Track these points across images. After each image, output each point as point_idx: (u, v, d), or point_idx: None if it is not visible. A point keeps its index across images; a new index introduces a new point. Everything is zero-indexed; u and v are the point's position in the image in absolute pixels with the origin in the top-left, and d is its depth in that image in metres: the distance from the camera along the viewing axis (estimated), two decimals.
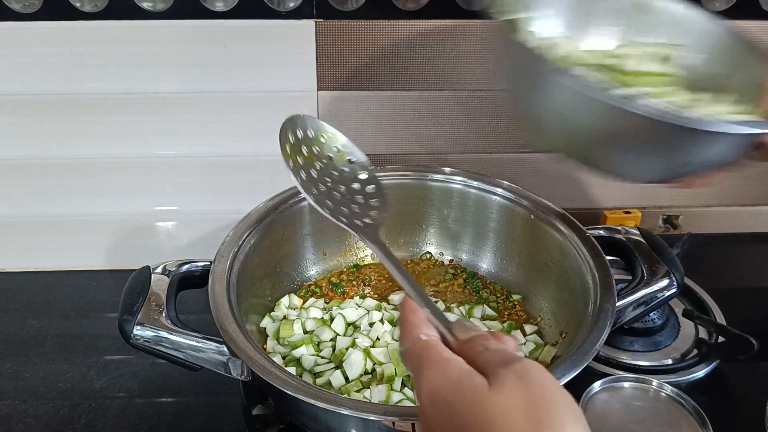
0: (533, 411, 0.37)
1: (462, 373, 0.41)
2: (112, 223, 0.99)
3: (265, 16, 0.87)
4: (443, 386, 0.41)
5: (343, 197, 0.61)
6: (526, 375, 0.39)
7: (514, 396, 0.38)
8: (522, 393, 0.38)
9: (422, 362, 0.43)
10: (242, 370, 0.68)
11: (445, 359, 0.42)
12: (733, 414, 0.76)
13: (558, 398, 0.38)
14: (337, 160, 0.63)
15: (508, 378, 0.39)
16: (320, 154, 0.63)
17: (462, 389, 0.40)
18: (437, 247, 0.95)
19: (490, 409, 0.38)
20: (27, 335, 0.88)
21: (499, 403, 0.38)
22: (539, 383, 0.39)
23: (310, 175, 0.60)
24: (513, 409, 0.38)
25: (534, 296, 0.86)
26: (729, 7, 0.89)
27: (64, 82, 0.89)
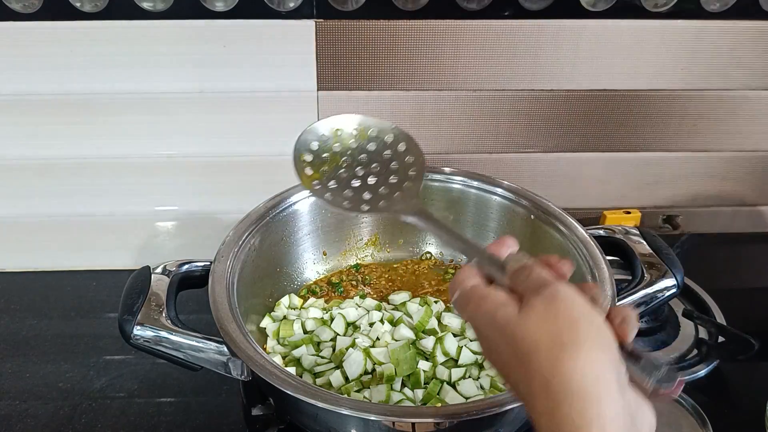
0: (555, 333, 0.39)
1: (496, 305, 0.44)
2: (112, 223, 0.99)
3: (265, 16, 0.87)
4: (483, 321, 0.44)
5: (380, 175, 0.61)
6: (554, 299, 0.41)
7: (539, 321, 0.40)
8: (547, 317, 0.40)
9: (465, 306, 0.46)
10: (242, 370, 0.68)
11: (483, 296, 0.45)
12: (733, 414, 0.76)
13: (580, 319, 0.40)
14: (361, 141, 0.63)
15: (536, 304, 0.41)
16: (342, 150, 0.62)
17: (496, 320, 0.43)
18: (437, 247, 0.95)
19: (518, 335, 0.41)
20: (27, 335, 0.88)
21: (526, 329, 0.41)
22: (564, 306, 0.41)
23: (339, 179, 0.60)
24: (537, 334, 0.40)
25: None
26: (729, 7, 0.90)
27: (64, 82, 0.89)
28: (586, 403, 0.38)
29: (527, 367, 0.40)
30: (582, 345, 0.39)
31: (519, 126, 0.98)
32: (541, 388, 0.39)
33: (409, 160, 0.61)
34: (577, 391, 0.38)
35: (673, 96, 0.97)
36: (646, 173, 1.04)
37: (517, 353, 0.41)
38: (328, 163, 0.61)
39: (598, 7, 0.89)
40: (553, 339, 0.39)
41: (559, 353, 0.39)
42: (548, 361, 0.39)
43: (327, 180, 0.60)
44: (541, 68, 0.94)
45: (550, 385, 0.39)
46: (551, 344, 0.39)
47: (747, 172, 1.05)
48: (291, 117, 0.94)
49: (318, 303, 0.85)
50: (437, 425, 0.61)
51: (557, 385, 0.38)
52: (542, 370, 0.39)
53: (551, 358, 0.39)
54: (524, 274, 0.45)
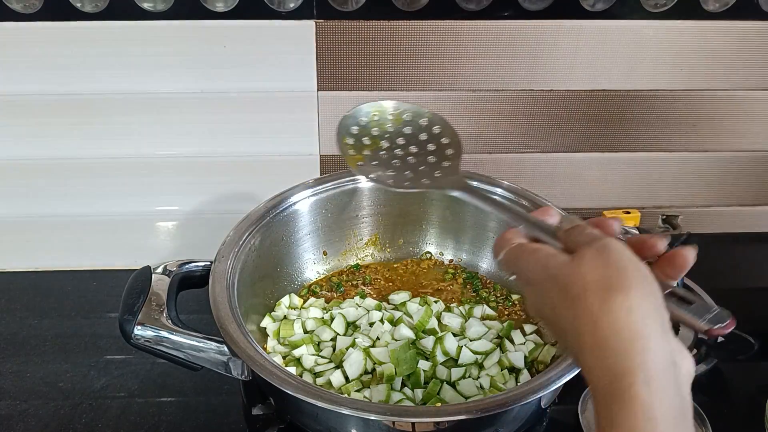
0: (605, 277, 0.42)
1: (548, 255, 0.47)
2: (112, 223, 1.00)
3: (266, 16, 0.87)
4: (534, 270, 0.47)
5: (418, 156, 0.64)
6: (605, 250, 0.44)
7: (591, 267, 0.43)
8: (598, 264, 0.43)
9: (516, 258, 0.49)
10: (242, 370, 0.68)
11: (535, 249, 0.48)
12: (733, 413, 0.76)
13: (629, 266, 0.42)
14: (397, 125, 0.66)
15: (588, 253, 0.44)
16: (380, 133, 0.66)
17: (549, 268, 0.46)
18: (437, 247, 0.95)
19: (570, 279, 0.44)
20: (27, 335, 0.88)
21: (578, 274, 0.43)
22: (615, 255, 0.43)
23: (380, 160, 0.64)
24: (588, 277, 0.43)
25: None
26: (729, 7, 0.90)
27: (64, 82, 0.89)
28: (632, 340, 0.40)
29: (576, 308, 0.43)
30: (630, 289, 0.41)
31: (519, 126, 0.98)
32: (589, 326, 0.42)
33: (445, 141, 0.65)
34: (624, 328, 0.40)
35: (673, 96, 0.97)
36: (645, 173, 1.04)
37: (567, 297, 0.44)
38: (369, 146, 0.65)
39: (597, 8, 0.89)
40: (603, 283, 0.42)
41: (607, 295, 0.41)
42: (597, 302, 0.42)
43: (370, 160, 0.64)
44: (541, 68, 0.94)
45: (598, 323, 0.41)
46: (601, 287, 0.42)
47: (747, 172, 1.05)
48: (291, 117, 0.94)
49: (318, 303, 0.85)
50: (437, 425, 0.61)
51: (605, 323, 0.41)
52: (591, 309, 0.42)
53: (600, 298, 0.41)
54: (577, 231, 0.48)
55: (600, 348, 0.41)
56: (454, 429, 0.62)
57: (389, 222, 0.93)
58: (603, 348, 0.41)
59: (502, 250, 0.51)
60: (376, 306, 0.83)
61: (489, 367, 0.75)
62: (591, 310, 0.42)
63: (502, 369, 0.75)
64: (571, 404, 0.72)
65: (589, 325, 0.42)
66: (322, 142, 0.97)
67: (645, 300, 0.41)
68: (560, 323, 0.45)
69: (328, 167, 0.98)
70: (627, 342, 0.40)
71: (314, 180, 0.87)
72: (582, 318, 0.42)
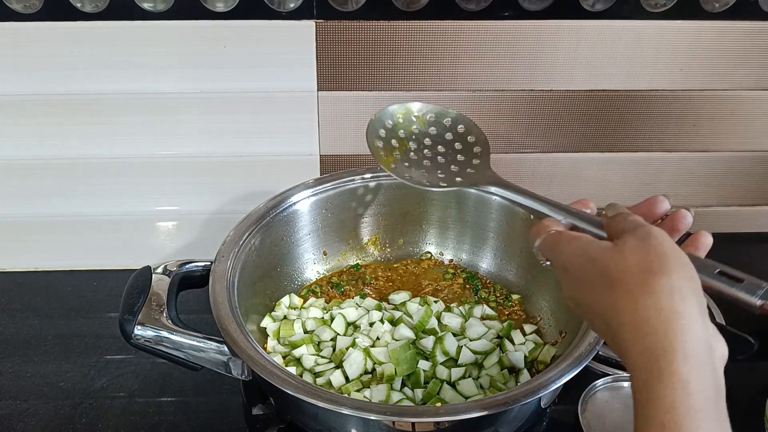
0: (647, 261, 0.44)
1: (589, 241, 0.49)
2: (112, 223, 1.00)
3: (266, 16, 0.87)
4: (573, 255, 0.49)
5: (447, 155, 0.66)
6: (647, 236, 0.46)
7: (632, 252, 0.45)
8: (640, 249, 0.45)
9: (555, 245, 0.52)
10: (243, 370, 0.68)
11: (575, 237, 0.51)
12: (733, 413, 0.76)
13: (670, 252, 0.44)
14: (422, 127, 0.69)
15: (630, 239, 0.46)
16: (407, 135, 0.68)
17: (589, 253, 0.48)
18: (437, 247, 0.95)
19: (611, 263, 0.45)
20: (28, 335, 0.88)
21: (620, 258, 0.45)
22: (657, 242, 0.45)
23: (411, 161, 0.66)
24: (630, 261, 0.44)
25: (534, 296, 0.86)
26: (729, 7, 0.90)
27: (64, 82, 0.89)
28: (673, 320, 0.42)
29: (617, 290, 0.44)
30: (672, 273, 0.43)
31: (518, 126, 0.98)
32: (630, 307, 0.43)
33: (471, 140, 0.67)
34: (665, 308, 0.42)
35: (673, 96, 0.97)
36: (645, 173, 1.04)
37: (606, 280, 0.45)
38: (398, 147, 0.67)
39: (597, 8, 0.89)
40: (645, 266, 0.44)
41: (649, 277, 0.43)
42: (638, 284, 0.43)
43: (402, 161, 0.66)
44: (541, 68, 0.94)
45: (639, 304, 0.43)
46: (643, 270, 0.44)
47: (747, 172, 1.05)
48: (291, 117, 0.94)
49: (318, 303, 0.85)
50: (437, 425, 0.62)
51: (646, 304, 0.43)
52: (632, 291, 0.43)
53: (642, 281, 0.43)
54: (621, 218, 0.50)
55: (640, 328, 0.42)
56: (454, 429, 0.62)
57: (389, 222, 0.93)
58: (644, 328, 0.42)
59: (538, 237, 0.54)
60: (376, 306, 0.83)
61: (489, 367, 0.75)
62: (632, 292, 0.43)
63: (502, 369, 0.75)
64: (571, 404, 0.72)
65: (629, 305, 0.43)
66: (322, 142, 0.97)
67: (685, 283, 0.43)
68: (597, 307, 0.47)
69: (328, 167, 0.98)
70: (668, 322, 0.42)
71: (314, 180, 0.87)
72: (622, 300, 0.44)
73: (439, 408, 0.64)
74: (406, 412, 0.62)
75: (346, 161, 0.98)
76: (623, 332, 0.44)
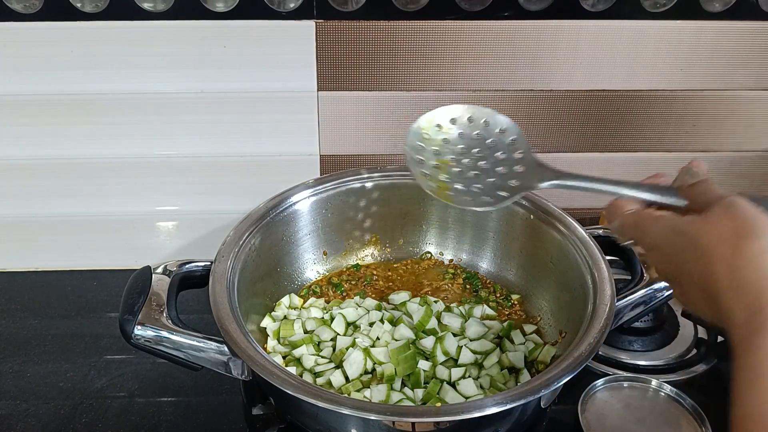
0: (736, 227, 0.47)
1: (674, 217, 0.52)
2: (112, 223, 1.00)
3: (266, 16, 0.87)
4: (660, 232, 0.52)
5: (490, 162, 0.64)
6: (732, 205, 0.48)
7: (721, 220, 0.48)
8: (728, 217, 0.48)
9: (636, 224, 0.55)
10: (243, 370, 0.68)
11: (659, 215, 0.53)
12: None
13: (757, 217, 0.47)
14: (458, 137, 0.66)
15: (716, 209, 0.49)
16: (444, 150, 0.65)
17: (678, 226, 0.51)
18: (437, 247, 0.95)
19: (701, 234, 0.48)
20: (28, 335, 0.88)
21: (710, 228, 0.48)
22: (743, 209, 0.48)
23: (452, 174, 0.64)
24: (720, 228, 0.48)
25: (534, 296, 0.86)
26: (729, 7, 0.90)
27: (64, 82, 0.89)
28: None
29: (710, 257, 0.47)
30: (762, 236, 0.46)
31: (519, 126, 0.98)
32: (725, 270, 0.46)
33: (510, 141, 0.65)
34: (761, 267, 0.45)
35: (673, 96, 0.97)
36: (645, 173, 1.04)
37: (698, 249, 0.48)
38: (440, 168, 0.64)
39: (597, 8, 0.89)
40: (735, 232, 0.47)
41: (741, 241, 0.46)
42: (731, 249, 0.46)
43: (451, 183, 0.63)
44: (541, 68, 0.94)
45: (735, 266, 0.46)
46: (733, 235, 0.47)
47: (747, 172, 1.05)
48: (291, 117, 0.94)
49: (318, 303, 0.85)
50: (437, 425, 0.62)
51: (742, 265, 0.46)
52: (725, 255, 0.47)
53: (734, 245, 0.46)
54: (702, 186, 0.53)
55: (738, 288, 0.45)
56: (454, 429, 0.62)
57: (389, 222, 0.93)
58: (741, 287, 0.45)
59: (616, 218, 0.57)
60: (375, 306, 0.83)
61: (489, 367, 0.75)
62: (725, 256, 0.46)
63: (502, 369, 0.75)
64: (571, 404, 0.72)
65: (725, 269, 0.46)
66: (322, 142, 0.97)
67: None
68: (690, 277, 0.49)
69: (328, 167, 0.98)
70: (765, 280, 0.45)
71: (314, 180, 0.87)
72: (717, 265, 0.47)
73: (439, 408, 0.64)
74: (406, 412, 0.62)
75: (346, 161, 0.98)
76: (720, 297, 0.46)
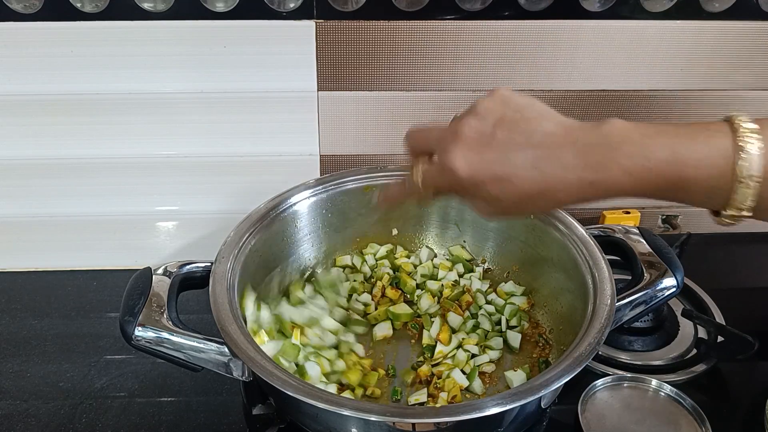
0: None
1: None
2: (113, 223, 1.00)
3: (266, 16, 0.87)
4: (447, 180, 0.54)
5: None
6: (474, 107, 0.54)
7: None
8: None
9: (433, 183, 0.57)
10: (243, 371, 0.68)
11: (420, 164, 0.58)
12: (732, 413, 0.76)
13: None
14: None
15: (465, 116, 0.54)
16: None
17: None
18: (437, 247, 0.95)
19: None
20: (28, 335, 0.88)
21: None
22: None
23: None
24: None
25: (533, 296, 0.86)
26: (729, 7, 0.90)
27: (64, 82, 0.89)
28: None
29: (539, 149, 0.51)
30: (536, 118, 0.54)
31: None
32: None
33: None
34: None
35: (673, 96, 0.97)
36: None
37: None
38: None
39: (597, 8, 0.89)
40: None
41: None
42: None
43: None
44: (541, 68, 0.94)
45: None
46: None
47: None
48: (291, 117, 0.94)
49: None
50: (437, 425, 0.62)
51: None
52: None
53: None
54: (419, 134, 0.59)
55: (586, 152, 0.50)
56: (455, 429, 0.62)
57: (389, 222, 0.93)
58: (589, 150, 0.50)
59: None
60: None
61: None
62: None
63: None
64: (571, 404, 0.72)
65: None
66: (322, 142, 0.97)
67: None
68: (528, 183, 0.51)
69: (328, 167, 0.98)
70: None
71: (314, 180, 0.87)
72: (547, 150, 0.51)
73: (439, 408, 0.64)
74: (406, 413, 0.62)
75: (346, 161, 0.98)
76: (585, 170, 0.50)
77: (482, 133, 0.52)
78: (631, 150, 0.49)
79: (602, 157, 0.49)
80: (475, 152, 0.52)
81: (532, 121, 0.52)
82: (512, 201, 0.52)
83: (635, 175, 0.49)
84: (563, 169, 0.50)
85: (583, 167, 0.50)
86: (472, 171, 0.52)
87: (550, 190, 0.51)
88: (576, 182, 0.50)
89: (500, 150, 0.52)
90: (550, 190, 0.51)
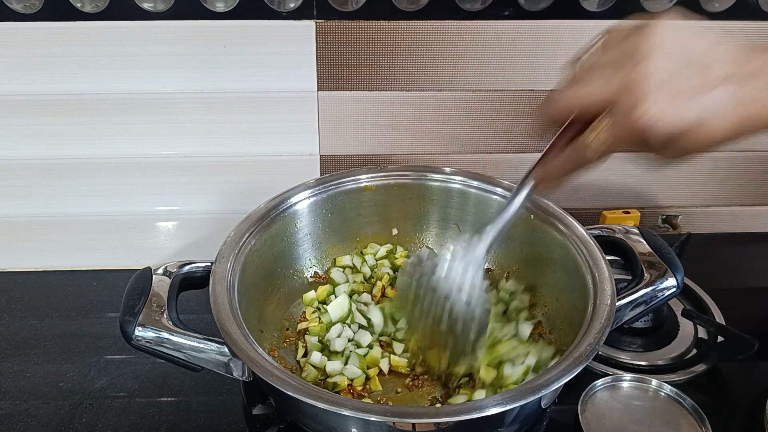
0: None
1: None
2: (112, 223, 1.00)
3: (266, 16, 0.87)
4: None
5: None
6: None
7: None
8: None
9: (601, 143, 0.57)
10: (243, 371, 0.68)
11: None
12: (732, 413, 0.76)
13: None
14: None
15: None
16: None
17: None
18: (437, 247, 0.95)
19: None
20: (28, 335, 0.88)
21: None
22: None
23: None
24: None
25: (533, 295, 0.86)
26: (729, 7, 0.90)
27: (64, 82, 0.89)
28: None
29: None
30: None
31: (519, 126, 0.98)
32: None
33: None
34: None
35: None
36: (645, 173, 1.04)
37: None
38: None
39: (597, 8, 0.89)
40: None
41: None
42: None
43: None
44: (541, 68, 0.94)
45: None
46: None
47: (747, 172, 1.05)
48: (291, 117, 0.94)
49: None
50: (437, 425, 0.62)
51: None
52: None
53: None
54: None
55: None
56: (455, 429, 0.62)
57: (389, 222, 0.93)
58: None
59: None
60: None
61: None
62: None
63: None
64: (571, 404, 0.72)
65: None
66: (322, 142, 0.97)
67: None
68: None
69: (328, 167, 0.98)
70: None
71: (314, 180, 0.87)
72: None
73: (439, 409, 0.64)
74: (406, 413, 0.62)
75: (346, 161, 0.98)
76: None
77: (665, 81, 0.48)
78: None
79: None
80: (667, 102, 0.48)
81: (710, 53, 0.49)
82: (706, 144, 0.50)
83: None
84: (764, 100, 0.48)
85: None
86: (669, 123, 0.49)
87: (746, 127, 0.49)
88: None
89: (694, 93, 0.48)
90: (746, 128, 0.49)
